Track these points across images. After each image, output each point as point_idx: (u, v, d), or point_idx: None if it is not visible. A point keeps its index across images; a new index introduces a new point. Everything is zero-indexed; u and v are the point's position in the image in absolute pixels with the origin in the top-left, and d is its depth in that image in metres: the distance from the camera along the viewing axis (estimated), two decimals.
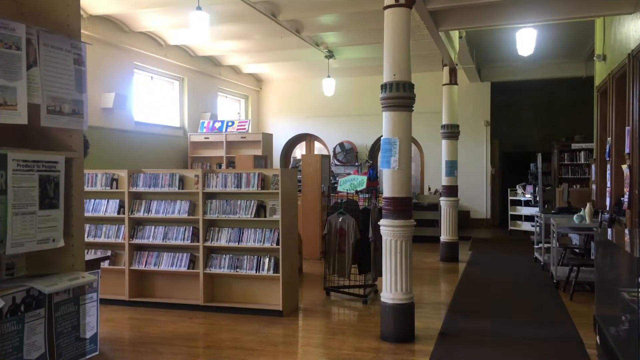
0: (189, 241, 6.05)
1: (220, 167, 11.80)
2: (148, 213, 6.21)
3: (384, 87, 4.98)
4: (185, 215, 6.08)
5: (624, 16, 6.73)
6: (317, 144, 15.23)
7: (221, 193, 6.03)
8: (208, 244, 6.02)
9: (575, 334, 5.19)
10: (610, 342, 4.14)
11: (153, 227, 6.23)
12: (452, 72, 9.30)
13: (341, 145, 14.38)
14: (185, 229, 6.09)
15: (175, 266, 6.11)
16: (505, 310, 6.17)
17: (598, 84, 8.71)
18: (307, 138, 15.24)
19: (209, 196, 6.06)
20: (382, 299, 5.06)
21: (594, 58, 8.66)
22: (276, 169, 5.96)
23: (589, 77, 11.00)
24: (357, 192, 7.07)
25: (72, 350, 1.66)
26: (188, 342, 5.07)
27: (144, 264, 6.24)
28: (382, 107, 5.02)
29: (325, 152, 14.50)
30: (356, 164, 14.17)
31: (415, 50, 5.68)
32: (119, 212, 6.29)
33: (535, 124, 15.37)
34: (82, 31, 7.81)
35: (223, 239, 5.97)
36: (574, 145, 12.89)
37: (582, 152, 12.77)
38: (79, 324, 1.68)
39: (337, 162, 14.28)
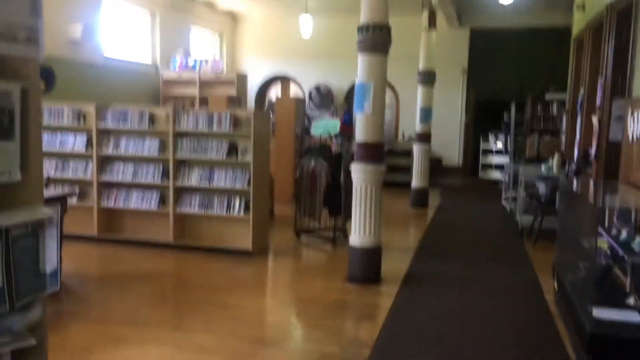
0: (159, 180, 5.99)
1: (193, 106, 11.57)
2: (117, 150, 6.10)
3: (360, 29, 4.87)
4: (155, 154, 5.98)
5: None
6: (293, 86, 15.00)
7: (192, 133, 5.94)
8: (178, 183, 5.97)
9: (535, 279, 5.38)
10: (566, 288, 4.32)
11: (122, 164, 6.13)
12: (432, 16, 9.15)
13: (317, 88, 14.20)
14: (155, 168, 6.02)
15: (145, 204, 6.07)
16: (470, 255, 6.35)
17: (576, 34, 8.68)
18: (283, 80, 14.98)
19: (179, 135, 5.96)
20: (350, 243, 5.14)
21: (574, 8, 8.57)
22: (249, 111, 5.87)
23: (568, 27, 10.93)
24: (331, 136, 7.04)
25: (31, 285, 1.64)
26: (157, 279, 5.11)
27: (113, 201, 6.18)
28: (358, 50, 4.93)
29: (300, 95, 14.31)
30: (332, 108, 14.05)
31: None
32: (86, 148, 6.16)
33: (513, 73, 15.33)
34: None
35: (194, 179, 5.93)
36: (548, 96, 12.95)
37: (555, 103, 12.85)
38: (38, 258, 1.65)
39: (312, 106, 14.13)
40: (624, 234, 3.47)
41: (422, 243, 6.88)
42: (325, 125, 6.68)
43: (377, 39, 4.80)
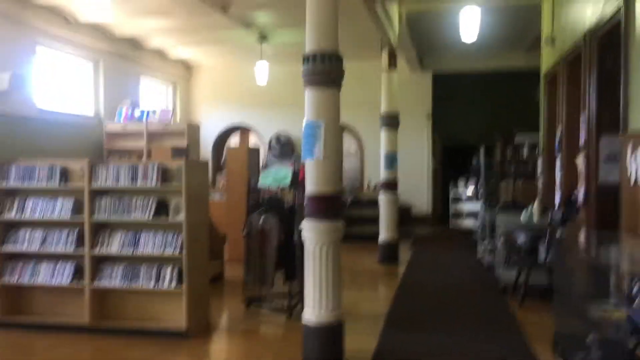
0: (73, 248, 4.95)
1: (141, 160, 10.60)
2: (21, 214, 5.06)
3: (306, 59, 4.08)
4: (68, 216, 4.96)
5: None
6: (253, 136, 14.22)
7: (113, 189, 4.96)
8: (96, 251, 4.93)
9: (528, 352, 4.45)
10: None
11: (28, 231, 5.07)
12: (392, 56, 8.56)
13: (277, 138, 13.45)
14: (68, 233, 4.98)
15: (56, 279, 4.99)
16: (449, 322, 5.42)
17: (546, 70, 8.14)
18: (243, 129, 14.20)
19: (97, 193, 4.97)
20: (304, 320, 4.16)
21: (542, 42, 8.03)
22: (180, 161, 4.96)
23: (532, 68, 10.52)
24: (288, 187, 6.13)
25: None
26: None
27: (17, 276, 5.07)
28: (305, 84, 4.12)
29: (260, 145, 13.52)
30: (292, 157, 13.25)
31: (354, 35, 4.82)
32: None
33: (479, 117, 14.96)
34: None
35: (115, 246, 4.91)
36: (518, 138, 12.44)
37: (526, 145, 12.32)
38: None
39: (272, 156, 13.33)
40: None
41: (392, 308, 5.92)
42: (274, 175, 5.80)
43: (326, 69, 4.01)
